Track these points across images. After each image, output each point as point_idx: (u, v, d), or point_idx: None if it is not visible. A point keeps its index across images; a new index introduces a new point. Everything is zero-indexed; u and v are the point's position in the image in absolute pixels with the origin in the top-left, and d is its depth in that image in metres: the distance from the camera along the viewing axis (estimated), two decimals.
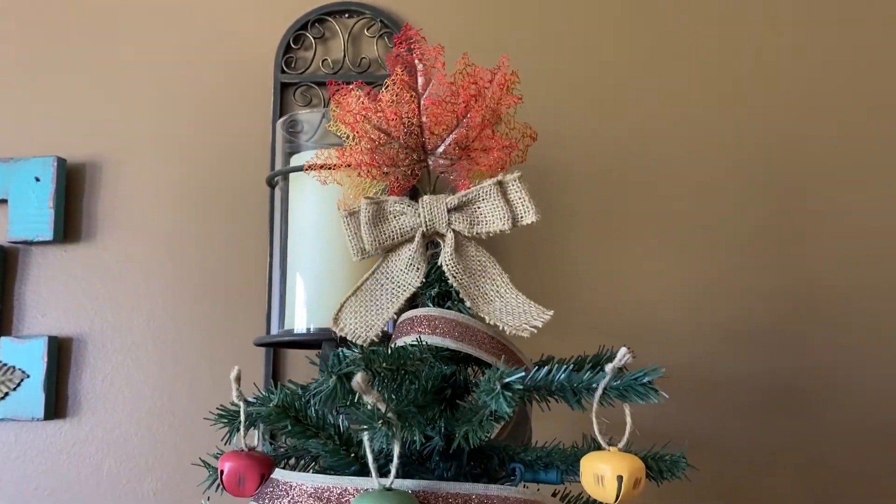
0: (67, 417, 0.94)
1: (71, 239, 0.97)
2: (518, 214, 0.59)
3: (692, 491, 0.90)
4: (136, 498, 0.93)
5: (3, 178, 0.95)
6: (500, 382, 0.44)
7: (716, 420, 0.92)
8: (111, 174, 0.98)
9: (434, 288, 0.61)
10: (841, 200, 0.96)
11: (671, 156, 0.97)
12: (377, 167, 0.62)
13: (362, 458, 0.52)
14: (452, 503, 0.46)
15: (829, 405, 0.92)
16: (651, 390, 0.49)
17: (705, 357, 0.93)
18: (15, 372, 0.92)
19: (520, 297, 0.59)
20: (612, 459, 0.48)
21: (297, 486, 0.49)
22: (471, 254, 0.61)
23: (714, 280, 0.95)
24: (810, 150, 0.97)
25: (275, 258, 0.91)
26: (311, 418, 0.49)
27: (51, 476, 0.93)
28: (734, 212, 0.96)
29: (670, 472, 0.53)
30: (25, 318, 0.96)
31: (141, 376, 0.94)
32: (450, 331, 0.57)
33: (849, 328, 0.94)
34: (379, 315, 0.60)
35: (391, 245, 0.61)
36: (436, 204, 0.59)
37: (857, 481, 0.91)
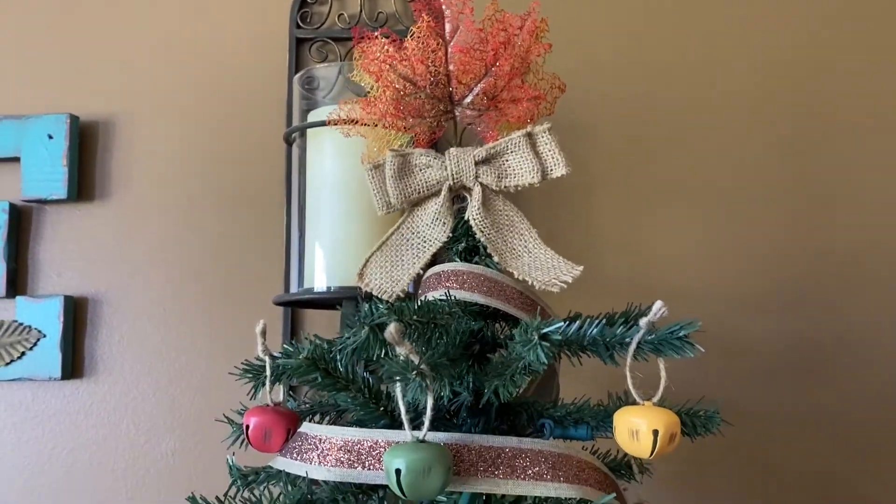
0: (84, 377, 0.94)
1: (85, 198, 0.96)
2: (548, 167, 0.58)
3: (712, 454, 0.90)
4: (155, 458, 0.93)
5: (15, 136, 0.93)
6: (538, 333, 0.43)
7: (736, 383, 0.91)
8: (125, 132, 0.97)
9: (461, 243, 0.59)
10: (863, 163, 0.94)
11: (696, 119, 0.95)
12: (402, 118, 0.60)
13: (392, 412, 0.51)
14: (485, 456, 0.46)
15: (851, 368, 0.91)
16: (687, 344, 0.48)
17: (726, 320, 0.92)
18: (31, 331, 0.92)
19: (548, 253, 0.58)
20: (648, 414, 0.47)
21: (327, 439, 0.48)
22: (498, 208, 0.59)
23: (736, 243, 0.93)
24: (832, 113, 0.95)
25: (292, 216, 0.90)
26: (340, 371, 0.49)
27: (69, 436, 0.93)
28: (757, 175, 0.94)
29: (704, 427, 0.53)
30: (40, 277, 0.95)
31: (158, 336, 0.94)
32: (478, 285, 0.56)
33: (872, 291, 0.92)
34: (405, 270, 0.59)
35: (417, 199, 0.59)
36: (463, 156, 0.58)
37: (878, 444, 0.91)
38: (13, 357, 0.91)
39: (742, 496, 0.90)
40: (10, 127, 0.93)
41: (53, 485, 0.93)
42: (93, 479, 0.93)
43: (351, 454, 0.47)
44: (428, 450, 0.42)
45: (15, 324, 0.92)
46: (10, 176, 0.95)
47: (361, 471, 0.46)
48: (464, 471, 0.45)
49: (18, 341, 0.91)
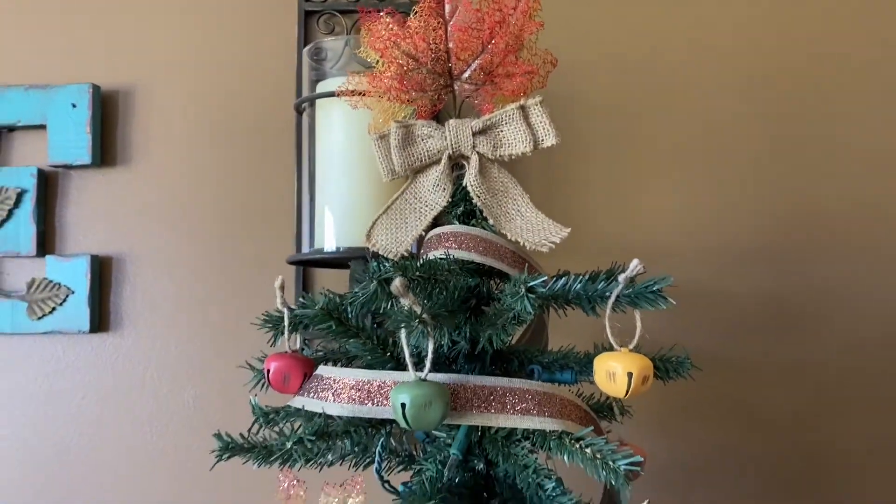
0: (111, 331, 1.00)
1: (107, 163, 1.01)
2: (539, 137, 0.63)
3: (698, 407, 0.97)
4: (177, 405, 1.00)
5: (41, 105, 0.99)
6: (525, 286, 0.49)
7: (721, 338, 0.98)
8: (143, 101, 1.02)
9: (459, 207, 0.65)
10: (846, 123, 0.99)
11: (682, 83, 1.00)
12: (405, 92, 0.65)
13: (397, 357, 0.57)
14: (480, 394, 0.52)
15: (830, 322, 0.98)
16: (660, 297, 0.54)
17: (711, 278, 0.98)
18: (61, 288, 0.98)
19: (539, 216, 0.63)
20: (623, 358, 0.53)
21: (340, 380, 0.55)
22: (494, 175, 0.65)
23: (719, 205, 0.99)
24: (815, 76, 1.00)
25: (303, 181, 0.96)
26: (351, 321, 0.55)
27: (97, 386, 1.00)
28: (741, 138, 0.99)
29: (676, 371, 0.59)
30: (67, 238, 1.01)
31: (178, 292, 1.00)
32: (475, 245, 0.62)
33: (851, 248, 0.98)
34: (408, 232, 0.64)
35: (419, 166, 0.65)
36: (461, 127, 0.63)
37: (857, 393, 0.97)
38: (45, 312, 0.98)
39: (720, 438, 0.97)
40: (37, 96, 0.99)
41: (84, 431, 1.00)
42: (120, 426, 1.00)
43: (361, 392, 0.53)
44: (429, 387, 0.49)
45: (45, 281, 0.98)
46: (37, 143, 1.00)
47: (371, 407, 0.53)
48: (460, 406, 0.52)
49: (49, 297, 0.98)
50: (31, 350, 1.01)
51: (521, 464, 0.55)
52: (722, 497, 0.97)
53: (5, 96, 0.99)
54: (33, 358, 1.01)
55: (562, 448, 0.52)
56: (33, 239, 0.98)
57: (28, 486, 1.00)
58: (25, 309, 0.98)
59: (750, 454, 0.97)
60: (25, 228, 0.98)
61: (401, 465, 0.64)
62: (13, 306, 0.98)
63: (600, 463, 0.49)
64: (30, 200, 0.99)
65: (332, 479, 0.61)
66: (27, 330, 0.98)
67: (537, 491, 0.55)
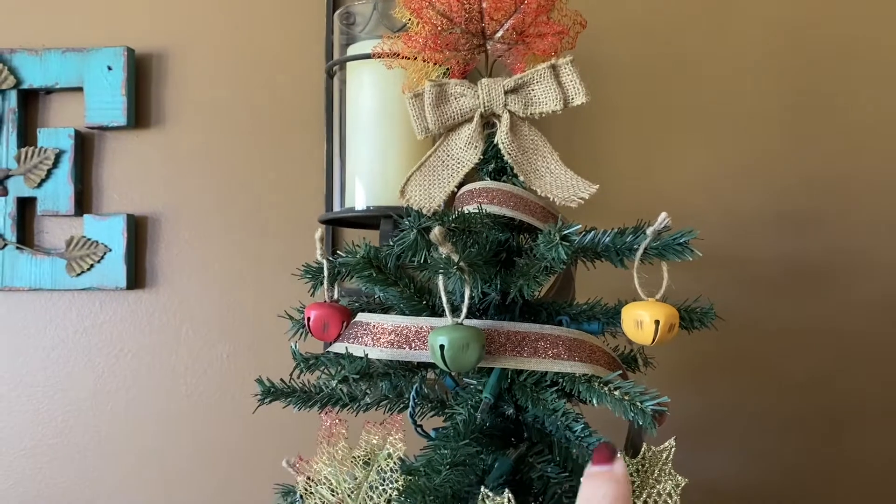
0: (146, 287, 1.04)
1: (142, 125, 1.04)
2: (569, 96, 0.65)
3: (718, 366, 0.99)
4: (212, 360, 1.03)
5: (78, 67, 1.01)
6: (560, 234, 0.51)
7: (742, 298, 0.99)
8: (176, 64, 1.04)
9: (491, 164, 0.67)
10: (873, 86, 1.00)
11: (709, 46, 1.01)
12: (439, 51, 0.67)
13: (432, 305, 0.60)
14: (513, 338, 0.55)
15: (852, 285, 0.99)
16: (687, 249, 0.56)
17: (734, 240, 1.00)
18: (98, 246, 1.01)
19: (568, 173, 0.65)
20: (651, 307, 0.55)
21: (378, 325, 0.57)
22: (524, 133, 0.67)
23: (742, 166, 1.00)
24: (844, 36, 1.00)
25: (333, 142, 0.98)
26: (390, 269, 0.57)
27: (134, 341, 1.04)
28: (766, 101, 1.00)
29: (700, 321, 0.61)
30: (104, 197, 1.04)
31: (211, 250, 1.03)
32: (506, 201, 0.64)
33: (874, 211, 0.99)
34: (440, 188, 0.67)
35: (452, 124, 0.67)
36: (493, 86, 0.65)
37: (877, 355, 0.99)
38: (83, 269, 1.01)
39: (739, 397, 1.00)
40: (73, 59, 1.01)
41: (121, 384, 1.04)
42: (156, 380, 1.04)
43: (400, 337, 0.56)
44: (466, 330, 0.51)
45: (84, 239, 1.01)
46: (74, 105, 1.03)
47: (409, 350, 0.56)
48: (495, 350, 0.54)
49: (87, 254, 1.01)
50: (70, 305, 1.04)
51: (551, 408, 0.58)
52: (739, 454, 1.00)
53: (44, 59, 1.02)
54: (72, 313, 1.04)
55: (591, 391, 0.54)
56: (71, 198, 1.02)
57: (63, 436, 1.04)
58: (65, 266, 1.02)
59: (769, 413, 0.99)
60: (64, 188, 1.02)
61: (433, 411, 0.67)
62: (53, 263, 1.02)
63: (628, 404, 0.52)
64: (68, 161, 1.02)
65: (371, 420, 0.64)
66: (66, 286, 1.02)
67: (566, 433, 0.58)
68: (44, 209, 1.02)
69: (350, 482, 0.57)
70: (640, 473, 0.47)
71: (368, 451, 0.57)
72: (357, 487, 0.56)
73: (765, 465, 1.00)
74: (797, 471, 0.99)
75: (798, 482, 0.99)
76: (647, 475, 0.48)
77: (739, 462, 1.00)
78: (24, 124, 1.04)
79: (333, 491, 0.57)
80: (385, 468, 0.56)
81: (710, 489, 0.99)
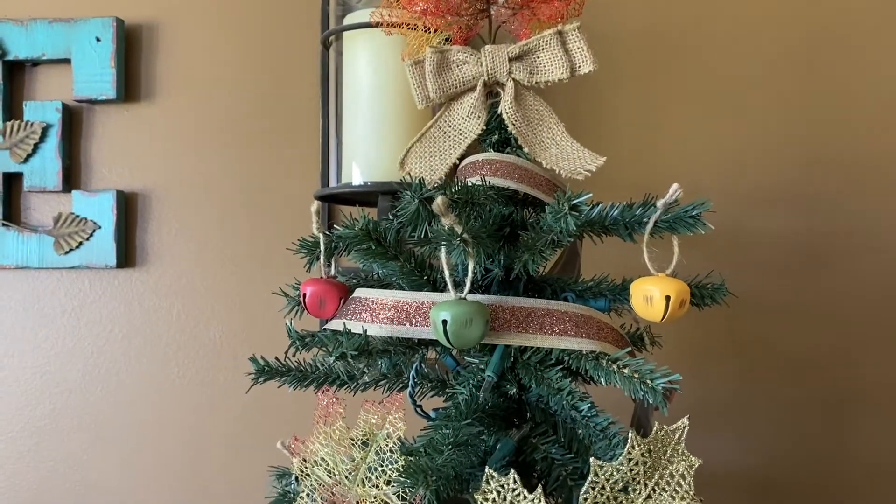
0: (137, 266, 1.01)
1: (132, 98, 1.01)
2: (576, 64, 0.62)
3: (728, 344, 0.98)
4: (203, 342, 1.01)
5: (65, 38, 0.98)
6: (569, 203, 0.48)
7: (748, 277, 0.98)
8: (167, 35, 1.01)
9: (494, 135, 0.64)
10: (879, 64, 0.97)
11: (712, 25, 0.98)
12: (441, 16, 0.64)
13: (434, 281, 0.58)
14: (518, 315, 0.52)
15: (858, 264, 0.97)
16: (699, 222, 0.53)
17: (740, 218, 0.98)
18: (87, 223, 0.99)
19: (574, 145, 0.63)
20: (661, 282, 0.53)
21: (377, 300, 0.55)
22: (529, 103, 0.64)
23: (750, 144, 0.98)
24: (845, 18, 0.98)
25: (329, 116, 0.95)
26: (391, 242, 0.55)
27: (124, 320, 1.02)
28: (774, 77, 0.98)
29: (711, 297, 0.59)
30: (93, 173, 1.02)
31: (203, 228, 1.01)
32: (510, 173, 0.61)
33: (880, 189, 0.97)
34: (442, 160, 0.64)
35: (454, 93, 0.64)
36: (497, 53, 0.62)
37: (883, 334, 0.98)
38: (72, 246, 0.98)
39: (746, 375, 0.98)
40: (61, 29, 0.98)
41: (111, 365, 1.02)
42: (146, 360, 1.01)
43: (400, 313, 0.54)
44: (469, 304, 0.49)
45: (72, 216, 0.99)
46: (62, 77, 1.00)
47: (409, 327, 0.53)
48: (499, 326, 0.52)
49: (76, 232, 0.98)
50: (58, 284, 1.02)
51: (556, 387, 0.55)
52: (739, 437, 0.98)
53: (30, 29, 0.98)
54: (60, 292, 1.02)
55: (598, 369, 0.52)
56: (59, 174, 0.99)
57: (53, 417, 1.02)
58: (52, 244, 0.99)
59: (774, 392, 0.98)
60: (51, 163, 0.99)
61: (433, 391, 0.65)
62: (40, 241, 0.99)
63: (638, 382, 0.50)
64: (55, 135, 0.99)
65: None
66: (54, 264, 0.99)
67: (572, 413, 0.56)
68: (30, 185, 0.99)
69: (348, 463, 0.54)
70: (652, 454, 0.45)
71: (367, 432, 0.55)
72: (355, 468, 0.54)
73: (765, 448, 0.98)
74: (797, 454, 0.98)
75: (798, 465, 0.98)
76: (660, 455, 0.46)
77: (740, 446, 0.98)
78: (9, 97, 1.00)
79: (330, 472, 0.55)
80: (384, 449, 0.54)
81: (711, 472, 0.97)
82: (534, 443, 0.58)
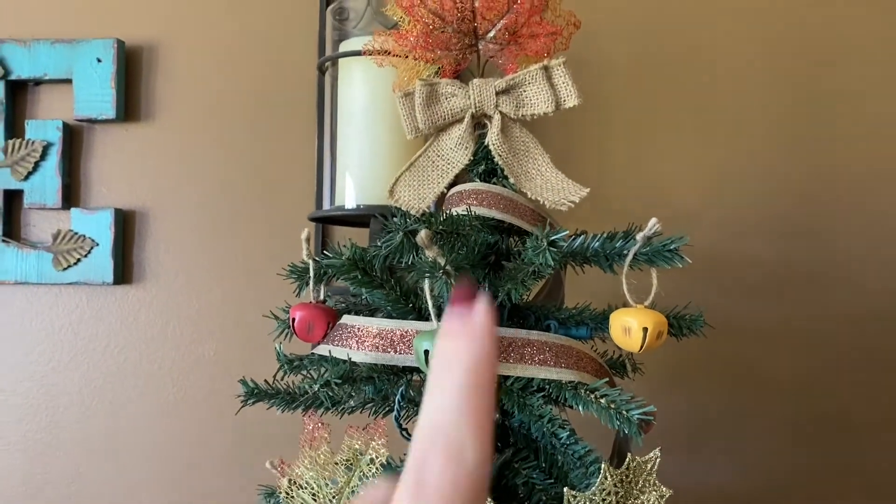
0: (134, 283, 1.03)
1: (131, 118, 1.03)
2: (561, 98, 0.64)
3: (708, 369, 0.99)
4: (197, 357, 1.02)
5: (67, 59, 1.00)
6: (547, 239, 0.50)
7: (733, 301, 0.99)
8: (166, 57, 1.03)
9: (481, 165, 0.66)
10: (868, 89, 0.99)
11: (699, 51, 1.00)
12: (431, 50, 0.66)
13: (419, 309, 0.59)
14: (500, 344, 0.54)
15: (838, 288, 0.99)
16: (676, 255, 0.55)
17: (727, 242, 0.99)
18: (85, 240, 1.00)
19: (559, 176, 0.65)
20: (639, 314, 0.54)
21: (364, 328, 0.56)
22: (515, 135, 0.66)
23: (736, 169, 1.00)
24: (835, 40, 0.99)
25: (325, 140, 0.97)
26: (377, 272, 0.56)
27: (120, 336, 1.03)
28: (759, 104, 1.00)
29: (689, 328, 0.60)
30: (92, 191, 1.03)
31: (199, 247, 1.02)
32: (496, 203, 0.63)
33: (866, 213, 0.99)
34: (430, 188, 0.66)
35: (442, 124, 0.66)
36: (485, 87, 0.64)
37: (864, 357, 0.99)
38: (70, 263, 1.00)
39: (729, 400, 0.99)
40: (63, 50, 1.00)
41: (107, 380, 1.03)
42: (143, 375, 1.03)
43: (385, 340, 0.55)
44: None
45: (70, 233, 1.00)
46: (63, 97, 1.02)
47: (394, 354, 0.55)
48: None
49: (74, 248, 1.00)
50: (56, 300, 1.03)
51: (537, 414, 0.57)
52: (726, 459, 0.99)
53: (32, 50, 1.00)
54: (58, 307, 1.03)
55: (577, 398, 0.54)
56: (59, 191, 1.01)
57: (50, 430, 1.03)
58: (51, 260, 1.00)
59: (759, 416, 0.99)
60: (51, 181, 1.00)
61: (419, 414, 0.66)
62: (39, 257, 1.01)
63: (614, 412, 0.51)
64: (56, 153, 1.00)
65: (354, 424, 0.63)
66: (52, 280, 1.01)
67: (552, 440, 0.57)
68: (30, 202, 1.01)
69: (332, 487, 0.56)
70: (624, 484, 0.47)
71: (351, 456, 0.56)
72: (339, 492, 0.56)
73: (752, 470, 0.99)
74: (784, 476, 0.99)
75: (785, 487, 0.99)
76: (632, 486, 0.47)
77: (726, 468, 0.99)
78: (11, 116, 1.02)
79: (314, 496, 0.56)
80: (367, 474, 0.55)
81: (698, 495, 0.99)
82: (516, 468, 0.60)
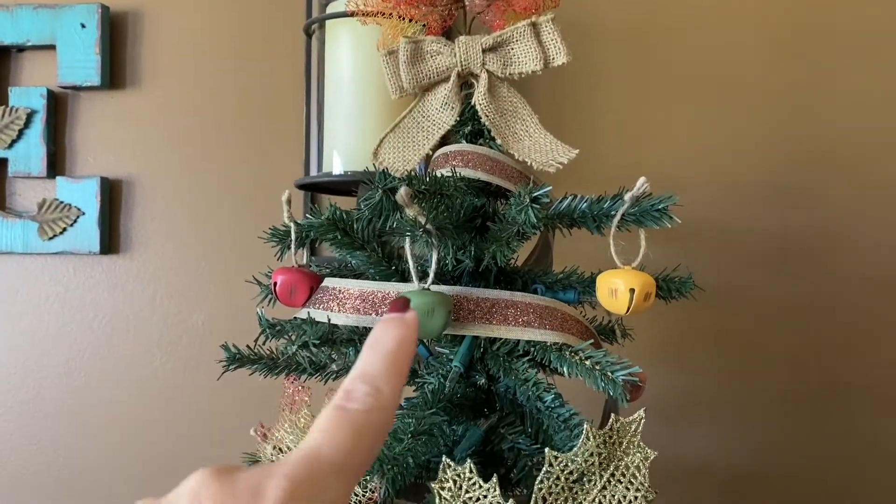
0: (121, 252, 1.02)
1: (116, 85, 1.01)
2: (550, 56, 0.62)
3: (699, 339, 0.98)
4: (186, 327, 1.01)
5: (50, 24, 0.98)
6: (530, 196, 0.49)
7: (725, 271, 0.98)
8: (152, 22, 1.01)
9: (467, 126, 0.64)
10: (863, 60, 0.97)
11: (698, 14, 0.98)
12: (415, 6, 0.64)
13: (402, 271, 0.58)
14: (483, 305, 0.53)
15: (836, 260, 0.97)
16: (665, 215, 0.54)
17: (719, 211, 0.98)
18: (71, 209, 0.99)
19: (547, 137, 0.63)
20: (626, 275, 0.53)
21: (345, 290, 0.55)
22: (503, 94, 0.64)
23: (730, 136, 0.98)
24: (832, 11, 0.97)
25: (312, 105, 0.95)
26: (357, 233, 0.55)
27: (108, 306, 1.02)
28: (755, 72, 0.98)
29: (678, 291, 0.59)
30: (77, 160, 1.02)
31: (187, 215, 1.01)
32: (482, 164, 0.62)
33: (860, 185, 0.97)
34: (415, 150, 0.64)
35: (428, 84, 0.64)
36: (471, 44, 0.62)
37: (865, 330, 0.98)
38: (56, 232, 0.99)
39: (720, 371, 0.98)
40: (46, 15, 0.98)
41: (94, 351, 1.02)
42: (130, 346, 1.02)
43: (366, 303, 0.54)
44: (432, 295, 0.49)
45: (56, 202, 0.99)
46: (47, 63, 1.00)
47: (375, 317, 0.53)
48: (463, 317, 0.52)
49: (60, 217, 0.99)
50: (42, 270, 1.02)
51: (522, 378, 0.56)
52: (722, 430, 0.99)
53: (15, 15, 0.98)
54: (44, 277, 1.02)
55: (562, 360, 0.53)
56: (44, 160, 0.99)
57: (37, 402, 1.02)
58: (36, 229, 0.99)
59: (754, 389, 0.98)
60: (36, 149, 0.99)
61: None
62: (24, 226, 0.99)
63: (599, 374, 0.50)
64: (40, 121, 0.99)
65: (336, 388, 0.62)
66: (38, 250, 0.99)
67: (537, 403, 0.56)
68: (15, 170, 0.99)
69: None
70: (608, 445, 0.46)
71: None
72: None
73: (749, 442, 0.98)
74: (781, 448, 0.98)
75: (782, 460, 0.98)
76: (615, 447, 0.46)
77: (723, 439, 0.99)
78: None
79: None
80: None
81: (692, 466, 0.98)
82: (502, 433, 0.59)
